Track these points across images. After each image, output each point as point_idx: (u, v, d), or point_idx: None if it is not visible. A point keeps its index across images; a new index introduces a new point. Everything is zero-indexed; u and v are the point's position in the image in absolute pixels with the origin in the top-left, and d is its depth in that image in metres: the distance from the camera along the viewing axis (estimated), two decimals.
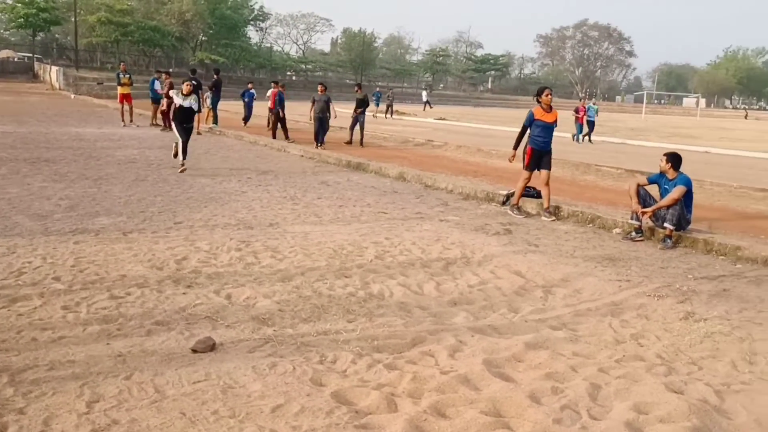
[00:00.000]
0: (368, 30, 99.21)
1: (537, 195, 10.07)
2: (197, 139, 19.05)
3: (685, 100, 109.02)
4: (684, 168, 8.23)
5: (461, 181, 12.07)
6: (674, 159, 8.00)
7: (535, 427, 3.45)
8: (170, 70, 26.70)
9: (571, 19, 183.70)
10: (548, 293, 5.90)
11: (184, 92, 12.52)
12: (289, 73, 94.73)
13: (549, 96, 9.54)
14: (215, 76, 23.27)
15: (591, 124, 26.00)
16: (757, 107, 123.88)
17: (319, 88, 18.49)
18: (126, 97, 21.88)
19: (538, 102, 9.60)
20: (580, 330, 5.04)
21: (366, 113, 20.29)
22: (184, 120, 12.51)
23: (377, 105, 38.26)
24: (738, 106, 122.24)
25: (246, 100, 25.51)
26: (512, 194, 10.10)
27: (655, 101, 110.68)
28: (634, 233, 8.08)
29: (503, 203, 10.10)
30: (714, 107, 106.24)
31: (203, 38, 77.18)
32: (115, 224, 7.73)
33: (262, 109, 25.58)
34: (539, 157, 9.57)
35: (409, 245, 7.35)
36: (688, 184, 7.82)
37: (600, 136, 27.55)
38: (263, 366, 4.07)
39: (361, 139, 19.87)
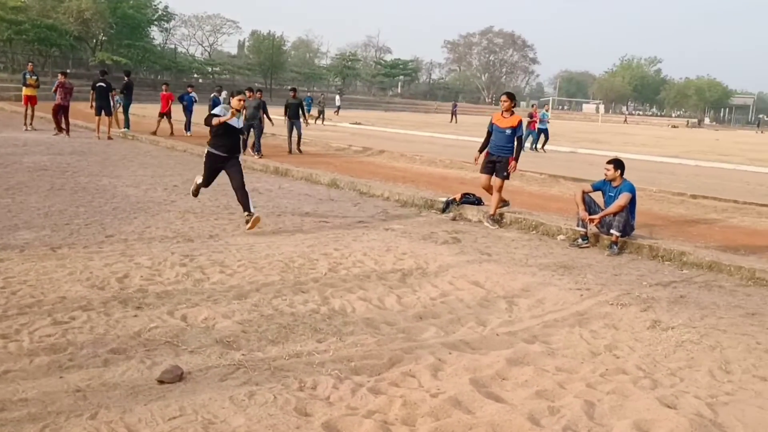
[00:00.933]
0: (277, 33, 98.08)
1: (477, 202, 10.05)
2: (110, 145, 18.20)
3: (584, 106, 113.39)
4: (600, 174, 8.37)
5: (396, 188, 11.92)
6: (621, 166, 8.13)
7: None
8: (67, 71, 25.17)
9: (477, 26, 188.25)
10: (512, 304, 5.80)
11: (236, 107, 8.38)
12: (195, 75, 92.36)
13: (504, 102, 9.41)
14: (126, 78, 22.25)
15: (544, 132, 25.04)
16: (650, 113, 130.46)
17: (247, 93, 17.77)
18: (31, 99, 20.60)
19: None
20: (553, 342, 4.95)
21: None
22: (225, 147, 8.65)
23: (308, 111, 37.40)
24: (633, 112, 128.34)
25: (185, 104, 23.59)
26: (452, 201, 10.04)
27: (558, 107, 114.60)
28: (580, 240, 8.15)
29: (443, 210, 10.02)
30: (612, 113, 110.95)
31: (104, 38, 74.04)
32: (40, 238, 7.12)
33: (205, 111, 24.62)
34: (492, 161, 9.47)
35: (360, 256, 7.12)
36: (632, 190, 7.96)
37: None
38: (241, 396, 3.75)
39: (298, 145, 19.00)
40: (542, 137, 24.81)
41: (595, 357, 4.69)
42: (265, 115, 17.58)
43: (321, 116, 37.28)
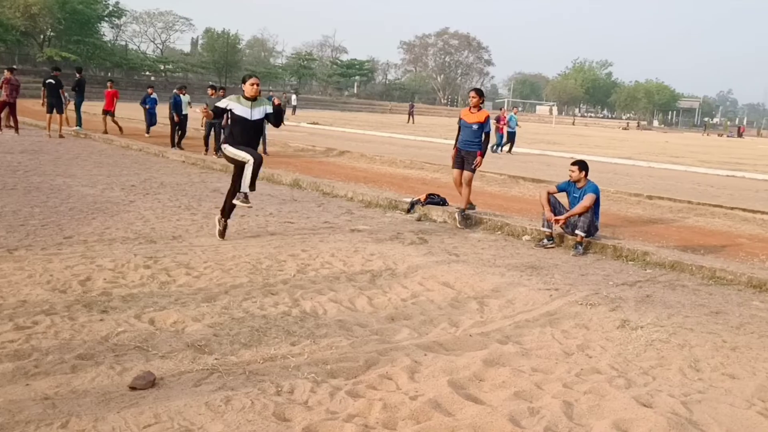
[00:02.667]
0: (232, 31, 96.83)
1: (442, 202, 10.07)
2: (62, 144, 17.74)
3: (538, 107, 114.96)
4: (558, 175, 8.49)
5: (360, 188, 11.86)
6: (585, 167, 8.23)
7: None
8: (14, 66, 24.34)
9: (433, 28, 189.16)
10: (483, 305, 5.81)
11: (249, 93, 7.37)
12: (147, 73, 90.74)
13: (473, 98, 9.63)
14: (78, 75, 21.71)
15: (511, 135, 24.96)
16: (602, 116, 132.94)
17: (210, 91, 17.38)
18: None
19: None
20: (526, 343, 4.96)
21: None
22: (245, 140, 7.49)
23: None
24: (585, 114, 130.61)
25: (147, 106, 22.68)
26: (417, 201, 10.04)
27: (502, 109, 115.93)
28: (545, 240, 8.22)
29: (408, 211, 10.00)
30: (564, 115, 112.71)
31: (52, 34, 72.28)
32: None
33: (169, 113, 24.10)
34: (462, 156, 9.64)
35: (328, 257, 7.05)
36: (596, 191, 8.06)
37: None
38: (217, 402, 3.65)
39: (264, 147, 18.72)
40: (507, 140, 24.76)
41: (568, 357, 4.72)
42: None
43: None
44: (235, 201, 7.37)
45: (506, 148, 24.64)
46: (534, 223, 9.07)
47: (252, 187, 7.31)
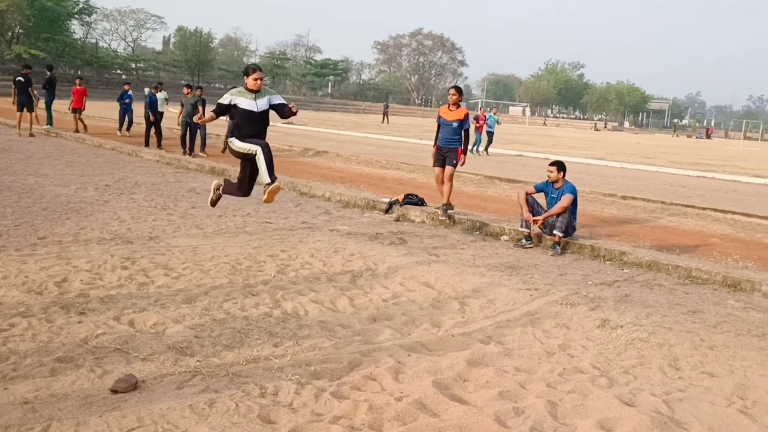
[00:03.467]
0: (205, 29, 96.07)
1: (420, 203, 10.08)
2: (33, 143, 17.44)
3: (511, 108, 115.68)
4: (533, 175, 8.55)
5: (337, 189, 11.83)
6: (564, 168, 8.29)
7: None
8: None
9: (407, 28, 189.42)
10: (464, 305, 5.82)
11: (252, 87, 6.68)
12: (118, 71, 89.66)
13: (453, 96, 9.69)
14: (48, 74, 21.36)
15: (490, 135, 24.77)
16: (574, 117, 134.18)
17: (185, 90, 17.16)
18: None
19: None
20: (508, 343, 4.99)
21: None
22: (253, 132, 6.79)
23: None
24: (557, 115, 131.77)
25: (128, 100, 22.16)
26: (395, 202, 10.05)
27: (481, 109, 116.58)
28: (524, 240, 8.27)
29: (386, 211, 9.99)
30: (537, 116, 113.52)
31: (20, 31, 71.12)
32: None
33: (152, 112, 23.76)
34: (443, 154, 9.69)
35: (308, 258, 7.02)
36: (574, 192, 8.12)
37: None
38: (201, 404, 3.61)
39: None
40: (485, 140, 24.65)
41: (550, 357, 4.75)
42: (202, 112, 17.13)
43: None
44: (265, 194, 6.56)
45: (482, 147, 24.54)
46: (512, 224, 9.12)
47: (272, 176, 6.58)
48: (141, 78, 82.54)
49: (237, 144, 6.70)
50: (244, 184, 7.05)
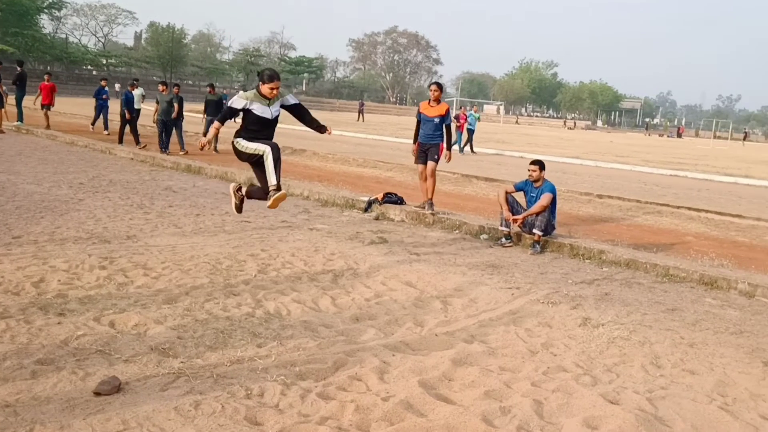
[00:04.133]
0: (177, 25, 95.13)
1: (399, 201, 10.08)
2: (2, 139, 17.14)
3: (486, 106, 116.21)
4: (510, 174, 8.61)
5: (315, 187, 11.79)
6: (544, 167, 8.34)
7: None
8: None
9: (382, 26, 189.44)
10: (446, 304, 5.83)
11: (267, 94, 6.20)
12: (89, 67, 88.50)
13: (435, 92, 9.69)
14: (19, 69, 21.03)
15: (470, 133, 24.88)
16: (548, 115, 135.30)
17: (160, 87, 16.88)
18: None
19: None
20: (491, 342, 5.00)
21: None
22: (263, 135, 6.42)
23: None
24: (531, 114, 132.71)
25: (105, 96, 21.65)
26: (374, 200, 10.04)
27: (461, 107, 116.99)
28: (503, 239, 8.30)
29: (366, 210, 9.98)
30: (512, 114, 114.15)
31: None
32: None
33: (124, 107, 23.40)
34: (425, 150, 9.71)
35: (288, 257, 6.98)
36: (553, 191, 8.17)
37: None
38: (186, 406, 3.57)
39: (215, 144, 18.09)
40: (465, 138, 24.63)
41: (534, 355, 4.77)
42: (178, 111, 16.92)
43: None
44: (270, 200, 6.19)
45: (463, 145, 24.48)
46: (491, 222, 9.15)
47: (278, 180, 6.23)
48: (112, 74, 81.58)
49: (244, 144, 6.28)
50: (269, 142, 6.39)
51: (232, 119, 6.44)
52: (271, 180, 6.18)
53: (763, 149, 62.10)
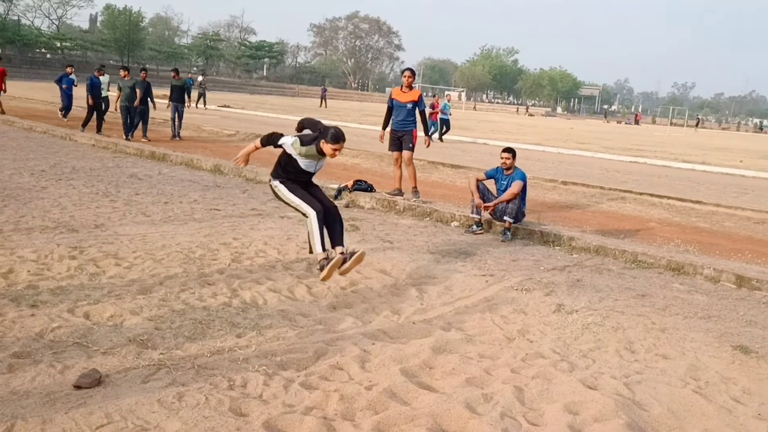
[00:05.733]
0: (134, 8, 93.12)
1: (369, 188, 10.07)
2: None
3: (446, 93, 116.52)
4: (475, 160, 8.68)
5: None
6: (516, 155, 8.40)
7: None
8: None
9: (343, 11, 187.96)
10: (422, 292, 5.86)
11: (328, 154, 5.56)
12: (43, 50, 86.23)
13: (409, 78, 9.65)
14: None
15: (445, 123, 24.88)
16: (508, 102, 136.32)
17: (122, 72, 16.39)
18: None
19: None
20: (468, 329, 5.05)
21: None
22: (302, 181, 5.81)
23: (188, 94, 34.32)
24: (492, 100, 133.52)
25: (64, 86, 20.71)
26: (344, 188, 10.01)
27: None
28: (474, 227, 8.36)
29: (335, 197, 9.94)
30: (473, 101, 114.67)
31: None
32: None
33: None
34: (398, 137, 9.67)
35: (261, 245, 6.93)
36: (524, 178, 8.25)
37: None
38: (170, 398, 3.53)
39: (178, 131, 17.93)
40: (443, 127, 24.51)
41: (511, 342, 4.83)
42: (149, 99, 16.54)
43: (202, 99, 35.06)
44: (323, 271, 5.39)
45: (436, 135, 24.07)
46: (462, 210, 9.21)
47: (341, 242, 5.53)
48: (67, 57, 79.66)
49: (284, 193, 5.66)
50: (315, 203, 5.64)
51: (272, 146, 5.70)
52: (316, 247, 5.43)
53: (717, 136, 63.63)
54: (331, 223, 5.63)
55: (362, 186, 10.10)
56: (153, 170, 11.70)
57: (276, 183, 5.76)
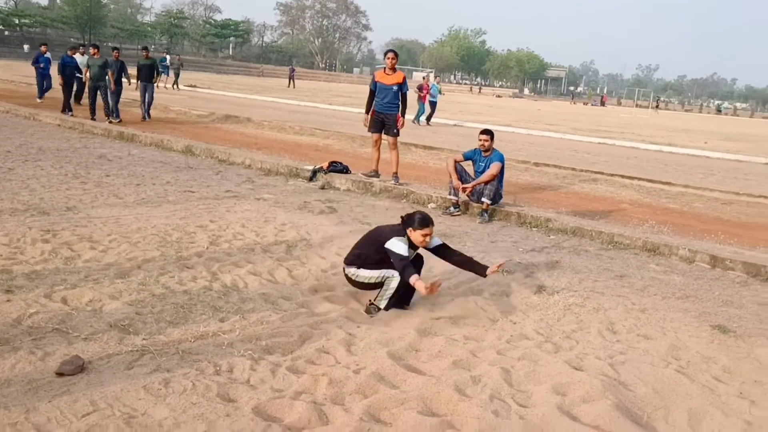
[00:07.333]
0: None
1: (345, 170, 10.00)
2: None
3: (415, 74, 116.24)
4: (446, 141, 8.68)
5: (257, 156, 11.56)
6: (494, 136, 8.40)
7: (480, 423, 3.35)
8: None
9: None
10: None
11: (417, 243, 5.03)
12: (0, 27, 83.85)
13: (392, 59, 9.51)
14: None
15: (432, 105, 23.91)
16: (476, 83, 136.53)
17: (92, 50, 15.93)
18: None
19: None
20: (451, 311, 5.03)
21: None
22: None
23: (165, 74, 32.99)
24: (460, 81, 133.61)
25: (41, 66, 19.87)
26: (319, 169, 9.93)
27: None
28: (452, 208, 8.36)
29: (310, 179, 9.86)
30: (441, 82, 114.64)
31: None
32: None
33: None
34: (381, 120, 9.57)
35: (239, 228, 6.83)
36: (502, 160, 8.26)
37: (358, 108, 28.20)
38: (156, 385, 3.46)
39: (148, 112, 17.39)
40: (428, 110, 23.82)
41: (495, 324, 4.84)
42: (124, 77, 16.09)
43: (177, 81, 34.32)
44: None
45: (423, 117, 23.66)
46: (438, 191, 9.21)
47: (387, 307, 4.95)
48: (26, 35, 77.69)
49: (366, 274, 5.02)
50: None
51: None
52: (380, 302, 4.94)
53: (680, 117, 64.56)
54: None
55: (338, 167, 10.02)
56: (122, 151, 11.47)
57: (354, 270, 5.08)
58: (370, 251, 5.04)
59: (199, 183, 9.09)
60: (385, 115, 9.51)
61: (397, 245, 4.89)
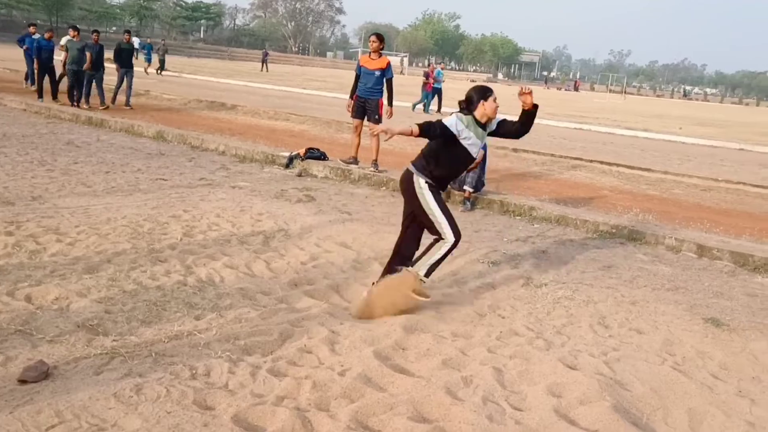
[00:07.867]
0: None
1: (322, 156, 9.75)
2: None
3: (389, 58, 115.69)
4: None
5: (231, 142, 11.24)
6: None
7: (475, 430, 3.17)
8: None
9: None
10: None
11: (490, 115, 4.74)
12: None
13: (374, 43, 9.32)
14: None
15: (438, 92, 22.60)
16: (450, 68, 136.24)
17: (71, 32, 14.99)
18: None
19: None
20: (437, 305, 4.84)
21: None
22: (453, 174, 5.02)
23: (148, 60, 31.96)
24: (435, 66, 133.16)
25: (26, 47, 18.06)
26: (296, 156, 9.66)
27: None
28: None
29: (287, 166, 9.59)
30: (415, 66, 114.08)
31: None
32: None
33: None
34: (362, 105, 9.34)
35: (214, 218, 6.57)
36: (485, 147, 8.05)
37: (333, 92, 27.84)
38: (127, 392, 3.22)
39: (128, 98, 16.44)
40: (436, 98, 22.75)
41: (483, 318, 4.67)
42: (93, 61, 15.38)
43: (161, 66, 33.39)
44: (400, 275, 4.68)
45: (434, 107, 22.67)
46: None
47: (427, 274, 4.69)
48: None
49: (428, 201, 4.66)
50: (459, 230, 4.80)
51: (432, 136, 4.62)
52: (421, 270, 4.63)
53: (652, 102, 65.00)
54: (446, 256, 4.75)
55: (315, 154, 9.76)
56: (91, 137, 11.07)
57: (422, 183, 4.66)
58: (432, 147, 4.72)
59: (172, 170, 8.77)
60: (366, 100, 9.27)
61: (448, 118, 4.64)
